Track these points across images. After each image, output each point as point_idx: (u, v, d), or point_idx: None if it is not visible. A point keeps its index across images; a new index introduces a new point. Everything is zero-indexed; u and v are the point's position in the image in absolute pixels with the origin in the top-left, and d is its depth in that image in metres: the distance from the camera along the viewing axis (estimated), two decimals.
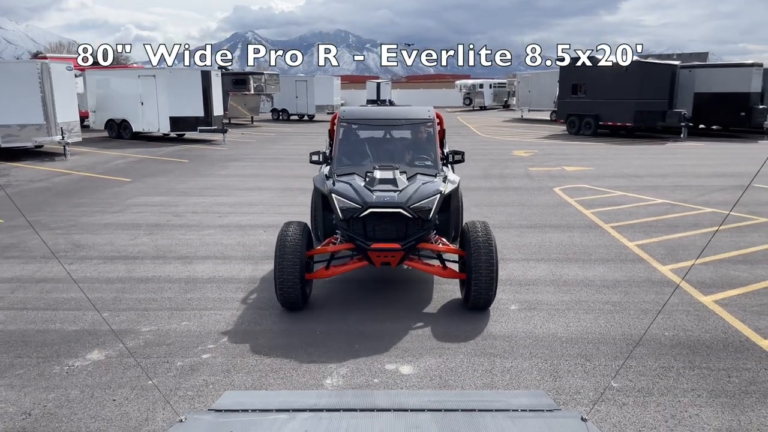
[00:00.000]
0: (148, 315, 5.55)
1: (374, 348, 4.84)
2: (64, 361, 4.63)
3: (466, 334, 5.08)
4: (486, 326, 5.23)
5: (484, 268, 5.21)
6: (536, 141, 23.37)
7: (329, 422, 3.54)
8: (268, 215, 9.92)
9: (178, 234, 8.68)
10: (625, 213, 9.90)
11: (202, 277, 6.71)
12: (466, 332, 5.12)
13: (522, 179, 13.67)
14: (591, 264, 7.11)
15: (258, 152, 20.03)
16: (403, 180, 5.59)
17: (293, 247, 5.31)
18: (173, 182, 13.44)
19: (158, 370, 4.47)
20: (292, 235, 5.42)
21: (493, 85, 51.82)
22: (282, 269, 5.27)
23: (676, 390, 4.13)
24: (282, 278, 5.30)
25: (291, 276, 5.26)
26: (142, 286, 6.37)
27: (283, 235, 5.47)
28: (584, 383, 4.23)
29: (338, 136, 6.49)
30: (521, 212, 10.02)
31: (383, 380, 4.33)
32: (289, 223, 5.70)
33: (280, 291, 5.36)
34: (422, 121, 6.65)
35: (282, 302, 5.48)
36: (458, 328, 5.21)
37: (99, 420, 3.80)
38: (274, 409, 3.73)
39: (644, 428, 3.66)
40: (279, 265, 5.28)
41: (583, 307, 5.71)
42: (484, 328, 5.20)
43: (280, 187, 12.62)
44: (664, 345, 4.85)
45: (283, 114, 37.99)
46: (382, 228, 5.41)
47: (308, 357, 4.68)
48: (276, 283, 5.38)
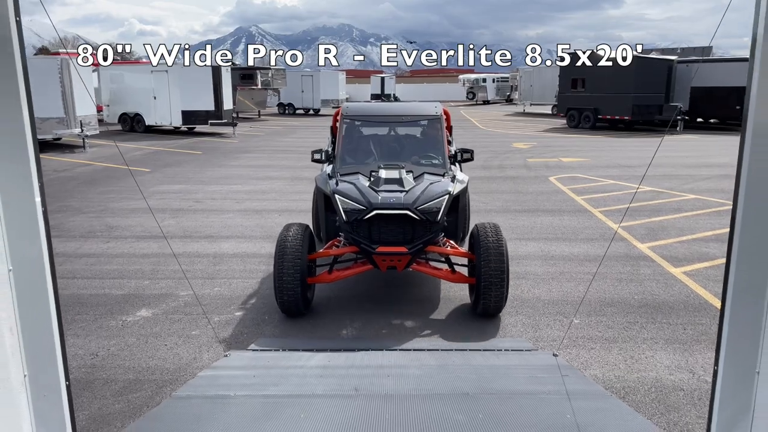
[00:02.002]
0: (184, 283, 6.34)
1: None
2: (118, 317, 5.44)
3: (466, 309, 5.85)
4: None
5: (495, 274, 4.98)
6: (536, 134, 24.07)
7: (347, 357, 4.46)
8: (281, 201, 10.72)
9: (201, 217, 9.47)
10: (614, 199, 10.64)
11: (228, 252, 7.50)
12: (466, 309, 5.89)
13: (519, 169, 14.40)
14: (577, 242, 7.86)
15: (267, 145, 20.80)
16: (409, 180, 5.38)
17: (293, 251, 5.12)
18: (190, 172, 14.24)
19: (199, 324, 5.27)
20: (292, 238, 5.22)
21: (496, 80, 52.40)
22: (281, 273, 5.06)
23: (637, 338, 4.91)
24: (282, 283, 5.09)
25: (291, 280, 5.06)
26: (174, 261, 7.16)
27: (283, 238, 5.25)
28: (559, 333, 5.00)
29: (341, 133, 6.26)
30: (516, 198, 10.78)
31: (391, 332, 5.12)
32: (289, 225, 5.50)
33: (280, 296, 5.16)
34: (429, 117, 6.41)
35: (282, 308, 5.28)
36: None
37: (155, 359, 4.60)
38: (300, 349, 4.64)
39: (606, 365, 4.44)
40: (278, 269, 5.08)
41: (565, 277, 6.48)
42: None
43: (290, 176, 13.42)
44: (633, 306, 5.62)
45: (289, 108, 38.73)
46: (388, 230, 5.18)
47: (326, 313, 5.48)
48: (275, 287, 5.17)
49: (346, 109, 6.57)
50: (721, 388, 2.26)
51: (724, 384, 2.25)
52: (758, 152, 2.15)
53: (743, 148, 2.17)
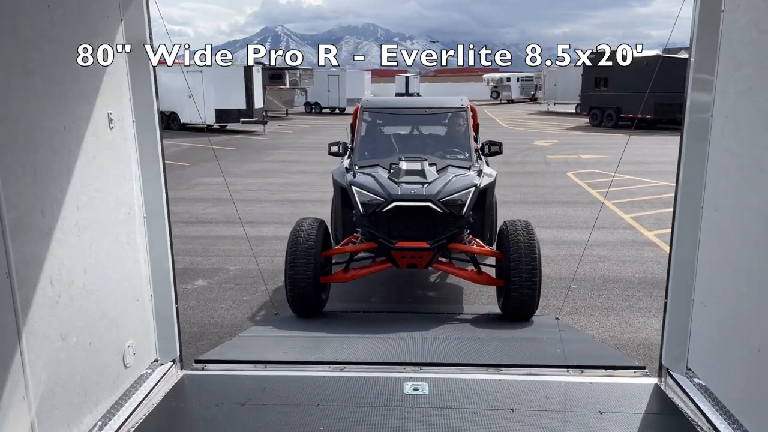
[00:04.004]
0: (232, 259, 7.18)
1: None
2: (180, 286, 6.27)
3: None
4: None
5: (526, 274, 4.57)
6: (558, 132, 24.49)
7: (376, 316, 5.28)
8: (312, 193, 11.55)
9: (241, 206, 10.34)
10: (627, 192, 11.17)
11: (268, 235, 8.34)
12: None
13: (539, 165, 14.97)
14: (588, 230, 8.46)
15: (296, 142, 21.73)
16: (432, 172, 5.04)
17: (306, 246, 4.77)
18: (227, 166, 15.19)
19: (248, 291, 6.09)
20: (305, 233, 4.89)
21: (521, 79, 52.56)
22: (293, 271, 4.73)
23: (633, 308, 5.54)
24: (293, 281, 4.74)
25: (303, 278, 4.71)
26: (221, 241, 8.03)
27: (295, 232, 4.94)
28: (564, 304, 5.67)
29: (360, 126, 5.97)
30: (535, 191, 11.39)
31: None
32: (303, 219, 5.20)
33: (291, 295, 4.83)
34: (454, 110, 6.11)
35: (293, 307, 4.93)
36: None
37: (215, 317, 5.43)
38: (339, 311, 5.51)
39: (603, 327, 5.10)
40: (290, 266, 4.76)
41: (574, 258, 7.11)
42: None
43: (320, 171, 14.26)
44: (633, 282, 6.25)
45: (315, 107, 39.71)
46: (408, 224, 4.81)
47: (362, 285, 6.26)
48: (286, 285, 4.85)
49: (366, 102, 6.30)
50: (669, 313, 2.94)
51: (671, 310, 2.93)
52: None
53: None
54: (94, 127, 2.50)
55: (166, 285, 3.14)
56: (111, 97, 2.65)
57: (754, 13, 2.36)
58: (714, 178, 2.68)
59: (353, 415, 2.79)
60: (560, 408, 2.89)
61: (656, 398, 2.96)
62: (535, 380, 3.18)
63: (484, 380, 3.15)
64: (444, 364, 3.42)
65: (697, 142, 2.81)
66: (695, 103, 2.81)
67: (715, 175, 2.67)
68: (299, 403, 2.90)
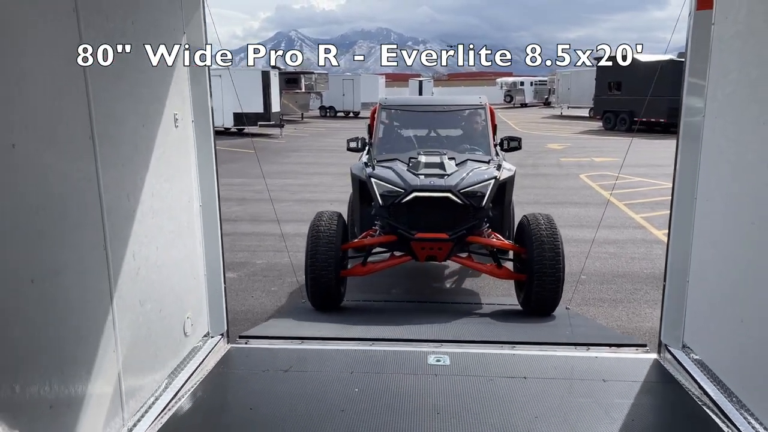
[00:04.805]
0: (258, 254, 7.60)
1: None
2: None
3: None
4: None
5: (550, 268, 4.56)
6: (571, 136, 24.72)
7: (398, 304, 5.72)
8: (331, 193, 11.97)
9: (263, 205, 10.79)
10: (639, 194, 11.44)
11: (291, 232, 8.74)
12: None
13: (552, 167, 15.27)
14: (600, 229, 8.77)
15: (312, 144, 22.23)
16: (451, 165, 5.06)
17: (327, 240, 4.74)
18: (246, 168, 15.69)
19: (275, 283, 6.49)
20: (326, 226, 4.85)
21: (534, 83, 52.74)
22: (314, 265, 4.69)
23: (641, 300, 5.85)
24: (315, 276, 4.72)
25: (325, 273, 4.69)
26: (246, 238, 8.46)
27: (315, 225, 4.92)
28: (575, 296, 5.99)
29: (379, 123, 5.99)
30: (547, 193, 11.70)
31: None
32: (321, 212, 5.18)
33: (312, 289, 4.81)
34: (472, 107, 6.16)
35: (313, 302, 4.93)
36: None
37: (246, 305, 5.84)
38: (361, 300, 5.92)
39: (611, 317, 5.42)
40: (311, 259, 4.73)
41: (585, 255, 7.43)
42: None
43: (336, 172, 14.69)
44: (641, 277, 6.55)
45: (330, 111, 40.27)
46: (428, 215, 4.81)
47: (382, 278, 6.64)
48: (307, 280, 4.84)
49: (385, 100, 6.36)
50: (667, 295, 3.28)
51: (669, 292, 3.27)
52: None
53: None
54: (164, 126, 2.91)
55: (217, 266, 3.56)
56: (176, 100, 3.06)
57: (738, 27, 2.70)
58: (705, 172, 3.02)
59: (384, 380, 3.16)
60: (568, 376, 3.23)
61: (655, 370, 3.30)
62: (546, 354, 3.53)
63: (499, 354, 3.51)
64: (463, 341, 3.79)
65: (691, 140, 3.16)
66: (689, 107, 3.16)
67: (706, 169, 3.01)
68: (335, 370, 3.27)
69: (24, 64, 1.87)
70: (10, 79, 1.80)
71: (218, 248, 3.53)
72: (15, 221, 1.82)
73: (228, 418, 2.84)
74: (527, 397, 2.97)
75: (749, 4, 2.61)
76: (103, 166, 2.34)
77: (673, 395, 3.02)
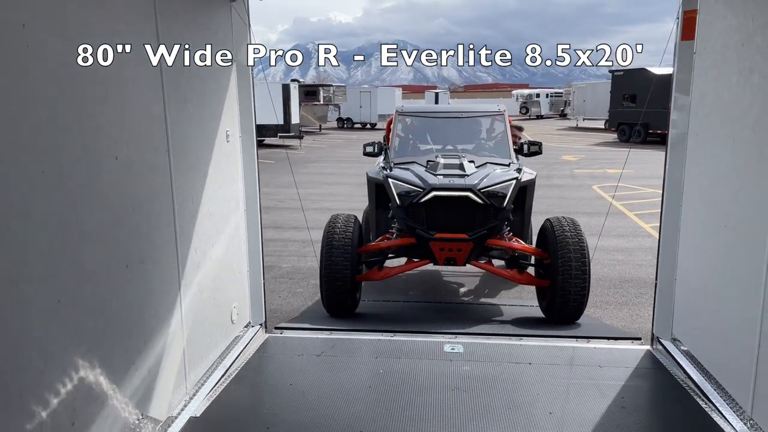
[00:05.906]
0: (284, 258, 8.10)
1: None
2: None
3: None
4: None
5: (576, 275, 4.42)
6: (586, 147, 25.01)
7: (415, 305, 6.23)
8: (350, 202, 12.48)
9: (286, 213, 11.34)
10: (650, 204, 11.75)
11: (314, 239, 9.23)
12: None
13: (565, 178, 15.62)
14: (609, 237, 9.13)
15: (331, 155, 22.83)
16: (471, 166, 4.89)
17: (342, 244, 4.61)
18: (268, 178, 16.28)
19: (301, 285, 6.98)
20: (341, 230, 4.74)
21: (550, 95, 53.06)
22: (330, 270, 4.57)
23: (645, 303, 6.21)
24: (330, 280, 4.59)
25: (340, 277, 4.57)
26: (272, 243, 8.97)
27: (330, 228, 4.83)
28: None
29: (396, 130, 5.89)
30: (559, 203, 12.08)
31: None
32: (336, 215, 5.07)
33: (327, 295, 4.68)
34: (491, 114, 6.07)
35: (328, 308, 4.81)
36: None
37: (274, 305, 6.31)
38: (381, 300, 6.47)
39: (615, 318, 5.79)
40: (326, 263, 4.61)
41: (594, 262, 7.77)
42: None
43: (355, 182, 15.22)
44: (647, 282, 6.90)
45: (347, 122, 41.01)
46: (448, 215, 4.64)
47: (398, 283, 7.09)
48: (322, 285, 4.71)
49: (402, 107, 6.32)
50: (657, 291, 3.69)
51: (659, 288, 3.68)
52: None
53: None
54: (218, 141, 3.42)
55: (258, 263, 4.05)
56: (227, 119, 3.58)
57: (715, 56, 3.12)
58: (689, 182, 3.44)
59: (405, 364, 3.61)
60: (568, 363, 3.65)
61: (647, 359, 3.70)
62: (549, 345, 3.96)
63: (508, 344, 3.95)
64: (475, 333, 4.23)
65: (677, 153, 3.58)
66: (676, 122, 3.59)
67: (689, 179, 3.44)
68: (361, 355, 3.74)
69: (126, 95, 2.39)
70: (117, 109, 2.31)
71: (258, 247, 4.03)
72: (120, 216, 2.32)
73: (271, 391, 3.31)
74: (531, 378, 3.39)
75: (724, 37, 3.04)
76: (175, 176, 2.84)
77: (661, 379, 3.42)
